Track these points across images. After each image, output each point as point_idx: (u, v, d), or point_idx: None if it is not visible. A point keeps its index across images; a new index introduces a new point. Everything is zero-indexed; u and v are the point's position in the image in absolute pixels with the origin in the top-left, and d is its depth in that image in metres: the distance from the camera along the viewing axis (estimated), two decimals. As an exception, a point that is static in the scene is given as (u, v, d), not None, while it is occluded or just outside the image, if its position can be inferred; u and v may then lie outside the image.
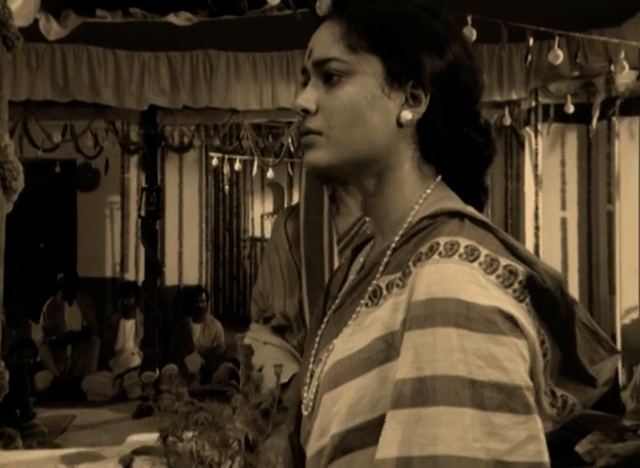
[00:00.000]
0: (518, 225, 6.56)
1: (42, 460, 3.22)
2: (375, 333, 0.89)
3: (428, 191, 0.97)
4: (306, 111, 0.97)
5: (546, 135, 6.27)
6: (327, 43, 0.96)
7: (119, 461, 2.33)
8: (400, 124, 0.95)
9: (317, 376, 0.97)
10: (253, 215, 11.06)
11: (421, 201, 0.96)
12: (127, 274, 8.20)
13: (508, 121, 6.33)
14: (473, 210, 0.94)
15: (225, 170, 9.19)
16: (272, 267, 2.62)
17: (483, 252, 0.86)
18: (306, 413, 0.99)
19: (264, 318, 2.64)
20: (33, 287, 8.02)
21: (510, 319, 0.83)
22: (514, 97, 5.84)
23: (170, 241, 8.37)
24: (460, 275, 0.84)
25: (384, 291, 0.92)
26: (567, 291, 0.89)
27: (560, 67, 4.99)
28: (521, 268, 0.86)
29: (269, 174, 8.84)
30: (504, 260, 0.86)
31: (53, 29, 4.03)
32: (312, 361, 1.01)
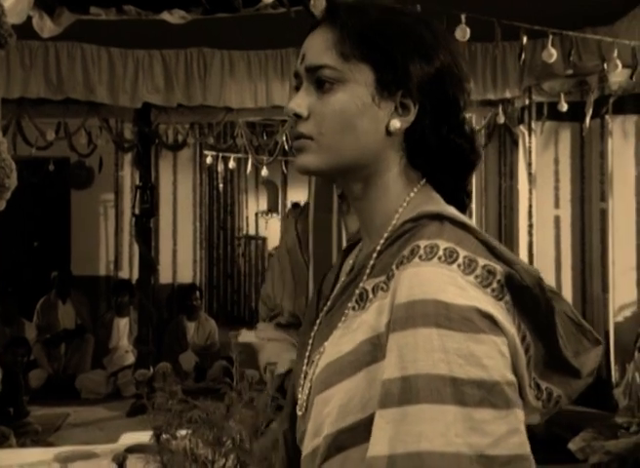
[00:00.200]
0: (512, 223, 6.57)
1: (36, 458, 3.22)
2: (362, 336, 0.92)
3: (412, 195, 1.00)
4: (298, 116, 0.99)
5: (540, 133, 6.28)
6: (320, 49, 0.98)
7: (113, 459, 2.34)
8: (389, 132, 0.97)
9: (310, 378, 1.00)
10: (247, 214, 11.06)
11: (405, 204, 0.99)
12: (121, 272, 8.19)
13: (502, 119, 6.35)
14: (454, 211, 0.96)
15: (220, 168, 9.19)
16: (283, 270, 2.64)
17: (462, 253, 0.89)
18: (300, 414, 1.02)
19: (271, 317, 2.67)
20: (27, 285, 8.01)
21: (489, 317, 0.85)
22: (508, 96, 5.86)
23: (164, 239, 8.37)
24: (440, 277, 0.86)
25: (370, 294, 0.95)
26: (545, 287, 0.91)
27: (554, 66, 5.00)
28: (499, 268, 0.88)
29: (263, 172, 8.84)
30: (483, 261, 0.89)
31: (46, 27, 4.02)
32: (306, 363, 1.04)
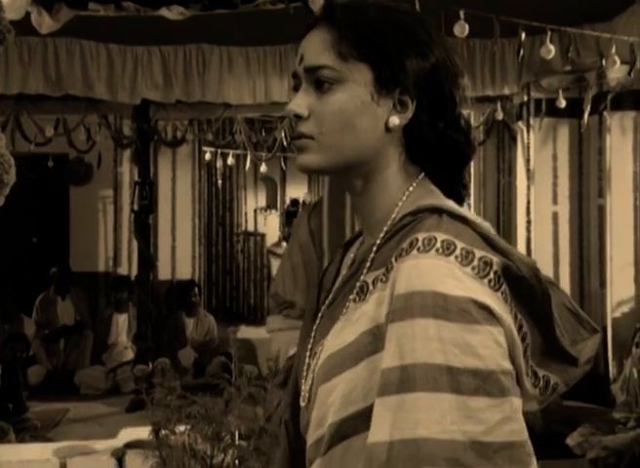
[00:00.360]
0: (510, 219, 6.58)
1: (35, 454, 3.23)
2: (362, 327, 0.94)
3: (411, 189, 1.02)
4: (298, 116, 1.01)
5: (538, 129, 6.29)
6: (318, 50, 1.00)
7: (112, 454, 2.35)
8: (388, 129, 1.00)
9: (312, 369, 1.03)
10: (246, 210, 11.06)
11: (405, 198, 1.01)
12: (120, 268, 8.19)
13: (500, 115, 6.35)
14: (453, 204, 0.99)
15: (218, 164, 9.18)
16: (295, 268, 2.63)
17: (459, 245, 0.90)
18: (304, 404, 1.05)
19: (280, 310, 2.68)
20: (26, 281, 8.01)
21: (485, 308, 0.88)
22: (506, 92, 5.85)
23: (163, 235, 8.37)
24: (437, 269, 0.89)
25: (370, 286, 0.97)
26: (542, 277, 0.94)
27: (552, 62, 5.00)
28: (496, 259, 0.91)
29: (262, 168, 8.84)
30: (480, 252, 0.91)
31: (45, 23, 4.02)
32: (308, 355, 1.06)
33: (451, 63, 1.01)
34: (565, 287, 6.14)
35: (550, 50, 4.54)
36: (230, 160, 9.17)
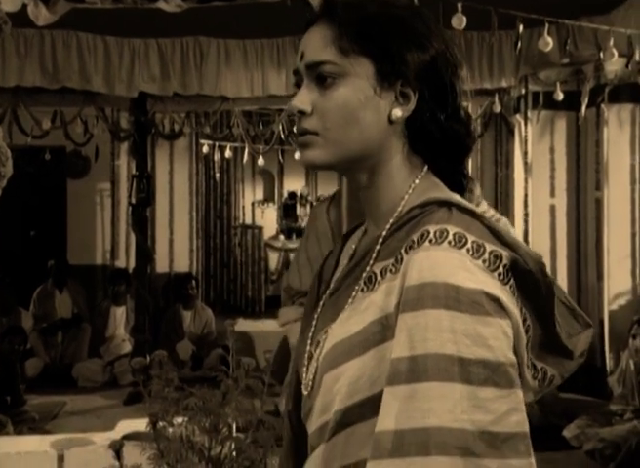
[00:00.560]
0: (507, 212, 6.58)
1: (33, 446, 3.24)
2: (371, 316, 0.95)
3: (416, 181, 1.03)
4: (302, 112, 1.02)
5: (536, 122, 6.29)
6: (319, 46, 1.01)
7: (109, 447, 2.34)
8: (391, 121, 1.01)
9: (316, 358, 1.03)
10: (243, 203, 11.06)
11: (410, 191, 1.03)
12: (117, 261, 8.19)
13: (498, 108, 6.35)
14: (460, 198, 1.00)
15: (216, 157, 9.17)
16: (312, 260, 2.62)
17: (470, 238, 0.92)
18: (306, 393, 1.06)
19: (293, 301, 2.68)
20: (23, 274, 8.01)
21: (496, 301, 0.89)
22: (504, 85, 5.86)
23: (160, 228, 8.37)
24: (450, 261, 0.90)
25: (379, 276, 0.98)
26: (547, 272, 0.95)
27: (550, 55, 5.00)
28: (505, 253, 0.92)
29: (260, 161, 8.84)
30: (490, 246, 0.92)
31: (42, 15, 4.01)
32: (310, 343, 1.07)
33: (450, 55, 1.03)
34: (562, 279, 6.15)
35: (548, 42, 4.54)
36: (228, 153, 9.16)
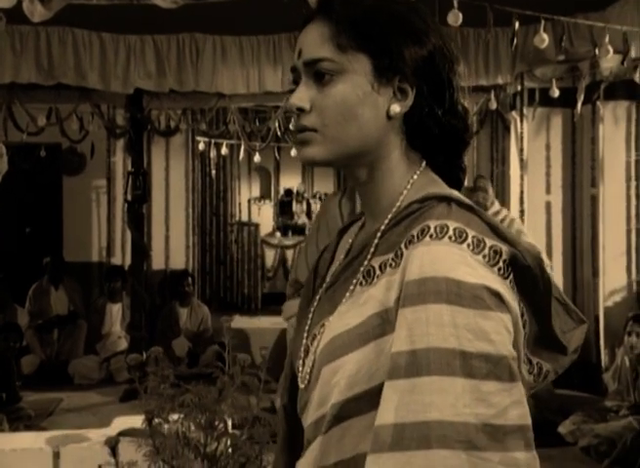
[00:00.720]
0: (503, 209, 6.59)
1: (28, 443, 3.24)
2: (370, 310, 0.96)
3: (415, 177, 1.04)
4: (301, 109, 1.02)
5: (532, 119, 6.29)
6: (316, 43, 1.01)
7: (105, 443, 2.35)
8: (389, 117, 1.01)
9: (313, 351, 1.03)
10: (239, 200, 11.06)
11: (409, 186, 1.03)
12: (113, 258, 8.18)
13: (494, 105, 6.36)
14: (459, 194, 1.01)
15: (212, 154, 9.17)
16: None
17: (470, 233, 0.93)
18: (303, 386, 1.05)
19: (298, 295, 2.68)
20: (19, 271, 8.00)
21: (497, 295, 0.90)
22: (500, 82, 5.86)
23: (156, 225, 8.36)
24: (450, 256, 0.90)
25: (378, 270, 0.99)
26: (545, 267, 0.96)
27: (545, 51, 5.01)
28: (505, 248, 0.93)
29: (256, 158, 8.83)
30: (490, 241, 0.93)
31: (37, 11, 4.00)
32: (306, 336, 1.07)
33: (447, 50, 1.03)
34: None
35: (544, 39, 4.54)
36: (224, 150, 9.16)
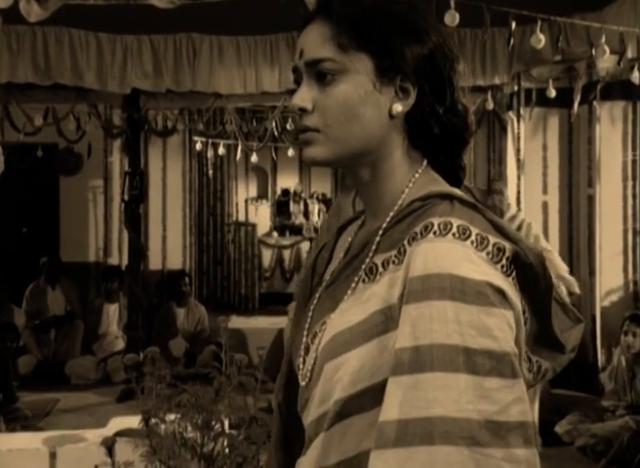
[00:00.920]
0: (500, 209, 6.59)
1: (25, 443, 3.23)
2: (373, 307, 0.96)
3: (417, 175, 1.04)
4: (303, 110, 1.02)
5: (528, 119, 6.30)
6: (317, 44, 1.01)
7: (101, 443, 2.35)
8: (391, 116, 1.02)
9: (314, 348, 1.03)
10: (237, 200, 11.05)
11: (411, 185, 1.04)
12: (110, 258, 8.17)
13: (491, 105, 6.36)
14: (461, 192, 1.01)
15: (209, 154, 9.16)
16: None
17: (474, 231, 0.93)
18: (304, 384, 1.05)
19: None
20: (16, 271, 7.98)
21: (500, 292, 0.90)
22: (497, 82, 5.87)
23: (153, 225, 8.35)
24: (454, 253, 0.91)
25: (380, 267, 0.99)
26: (547, 266, 0.96)
27: (542, 52, 5.01)
28: (508, 245, 0.93)
29: (253, 158, 8.83)
30: (493, 238, 0.93)
31: (33, 11, 4.00)
32: (306, 334, 1.07)
33: (448, 49, 1.03)
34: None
35: (540, 39, 4.54)
36: (221, 150, 9.15)
